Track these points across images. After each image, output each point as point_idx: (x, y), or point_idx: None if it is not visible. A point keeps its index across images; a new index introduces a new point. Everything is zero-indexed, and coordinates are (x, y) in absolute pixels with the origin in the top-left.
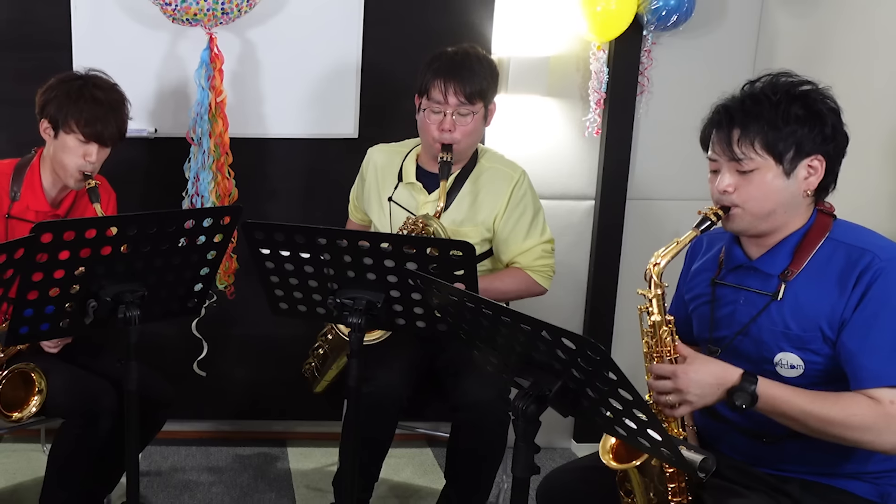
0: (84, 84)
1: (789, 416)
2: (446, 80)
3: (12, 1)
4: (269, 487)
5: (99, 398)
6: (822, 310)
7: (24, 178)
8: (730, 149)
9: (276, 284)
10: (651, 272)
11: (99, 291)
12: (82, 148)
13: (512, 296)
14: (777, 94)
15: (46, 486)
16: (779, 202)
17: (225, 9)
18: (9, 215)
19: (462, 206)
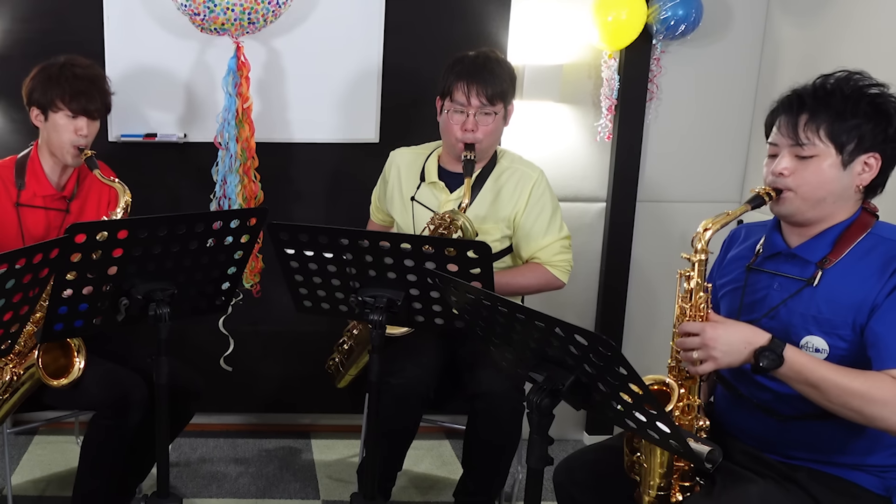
0: (63, 65)
1: (812, 383)
2: (469, 82)
3: (47, 11)
4: (293, 478)
5: (129, 391)
6: (856, 298)
7: (27, 168)
8: (795, 132)
9: (301, 283)
10: (699, 236)
11: (131, 290)
12: (72, 123)
13: (532, 290)
14: (850, 88)
15: (79, 476)
16: (830, 191)
17: (251, 18)
18: (18, 203)
19: (484, 204)
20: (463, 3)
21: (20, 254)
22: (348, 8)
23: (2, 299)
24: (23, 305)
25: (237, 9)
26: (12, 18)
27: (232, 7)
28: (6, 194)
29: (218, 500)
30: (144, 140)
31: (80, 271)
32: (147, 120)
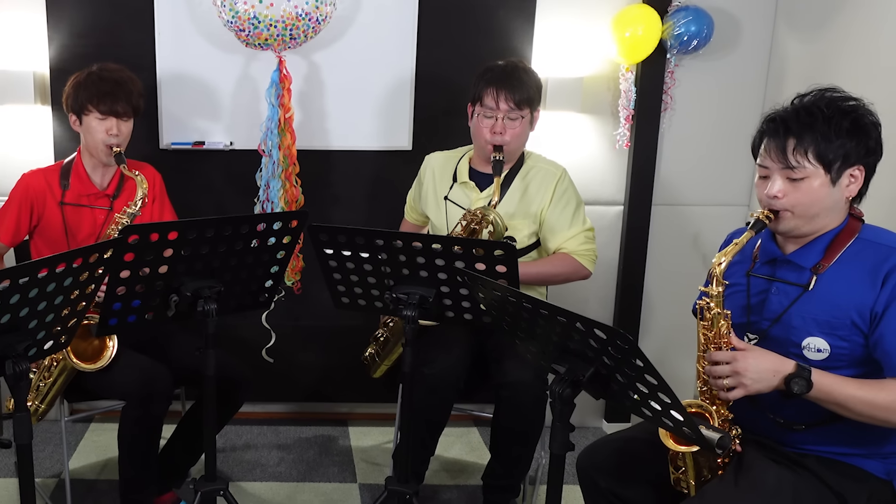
0: (91, 71)
1: (839, 402)
2: (497, 88)
3: (103, 28)
4: (332, 463)
5: (154, 383)
6: (851, 300)
7: (71, 171)
8: (784, 157)
9: (339, 281)
10: (715, 271)
11: (180, 287)
12: (103, 124)
13: (561, 278)
14: (829, 108)
15: (119, 464)
16: (823, 207)
17: (293, 34)
18: (62, 202)
19: (512, 201)
20: (490, 19)
21: (77, 253)
22: (383, 24)
23: (60, 296)
24: (79, 301)
25: (280, 25)
26: (69, 34)
27: (275, 24)
28: (51, 195)
29: (261, 483)
30: (193, 147)
31: (133, 270)
32: (196, 129)
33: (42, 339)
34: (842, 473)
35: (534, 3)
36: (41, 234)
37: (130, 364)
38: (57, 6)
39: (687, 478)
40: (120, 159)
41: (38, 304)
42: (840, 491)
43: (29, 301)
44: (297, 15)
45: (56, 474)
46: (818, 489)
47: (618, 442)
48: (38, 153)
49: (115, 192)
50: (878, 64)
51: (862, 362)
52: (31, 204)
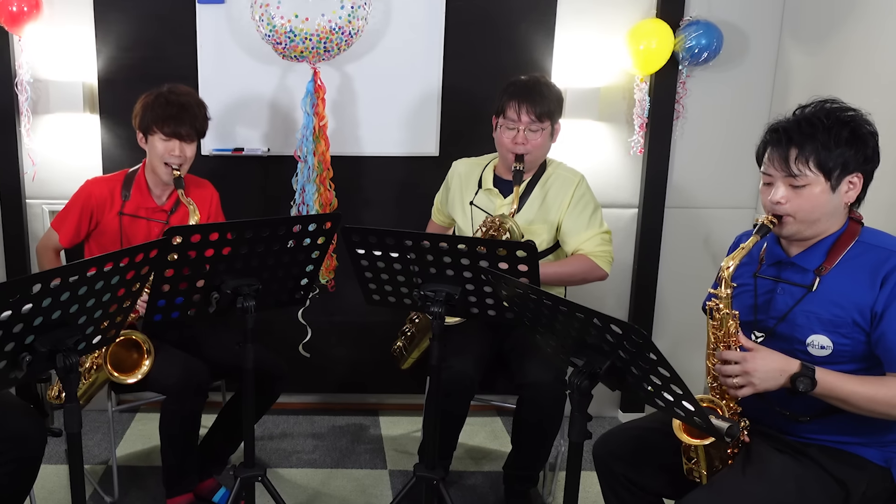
0: (160, 94)
1: (841, 398)
2: (520, 101)
3: (148, 42)
4: (363, 450)
5: (192, 377)
6: (852, 300)
7: (133, 183)
8: (787, 166)
9: (370, 279)
10: (723, 274)
11: (221, 285)
12: (166, 146)
13: (578, 278)
14: (828, 118)
15: (162, 453)
16: (824, 212)
17: (327, 47)
18: (121, 213)
19: (533, 208)
20: (513, 32)
21: (124, 253)
22: (412, 38)
23: (108, 293)
24: (126, 299)
25: (314, 39)
26: (116, 47)
27: (310, 37)
28: (111, 204)
29: (297, 470)
30: (233, 154)
31: (176, 269)
32: (235, 136)
33: (90, 333)
34: (843, 461)
35: (554, 18)
36: (96, 239)
37: (170, 361)
38: (105, 20)
39: (699, 468)
40: (179, 183)
41: (87, 301)
42: (841, 478)
43: (78, 298)
44: (331, 29)
45: (104, 461)
46: (821, 477)
47: (632, 430)
48: (86, 159)
49: (172, 209)
50: (877, 74)
51: (863, 358)
52: (91, 210)
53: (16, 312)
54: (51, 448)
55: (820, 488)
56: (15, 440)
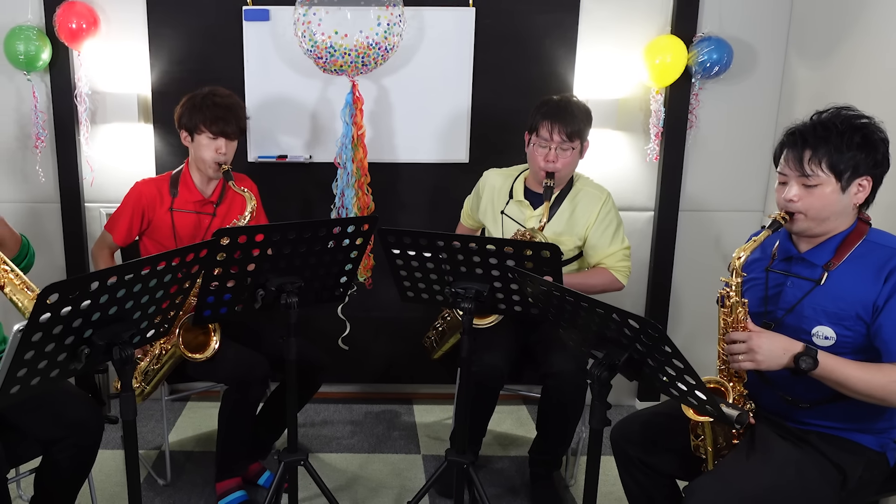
0: (206, 95)
1: (840, 380)
2: (552, 122)
3: (198, 56)
4: (398, 436)
5: (252, 370)
6: (857, 295)
7: (180, 180)
8: (801, 166)
9: (405, 277)
10: (734, 264)
11: (265, 282)
12: (213, 143)
13: (598, 290)
14: (843, 124)
15: (218, 438)
16: (833, 211)
17: (364, 61)
18: (171, 208)
19: (561, 220)
20: (537, 49)
21: (176, 253)
22: (443, 53)
23: (161, 290)
24: (178, 295)
25: (353, 53)
26: (169, 61)
27: (349, 52)
28: (161, 201)
29: (336, 454)
30: (277, 161)
31: (224, 268)
32: (279, 144)
33: (145, 328)
34: (840, 447)
35: (575, 34)
36: (150, 236)
37: (231, 353)
38: (158, 36)
39: (705, 444)
40: (228, 176)
41: (142, 298)
42: (839, 463)
43: (133, 295)
44: (368, 44)
45: (157, 447)
46: (820, 462)
47: (645, 416)
48: (141, 165)
49: (219, 200)
50: (879, 87)
51: (864, 349)
52: (142, 210)
53: (75, 308)
54: (108, 434)
55: (819, 473)
56: (75, 427)
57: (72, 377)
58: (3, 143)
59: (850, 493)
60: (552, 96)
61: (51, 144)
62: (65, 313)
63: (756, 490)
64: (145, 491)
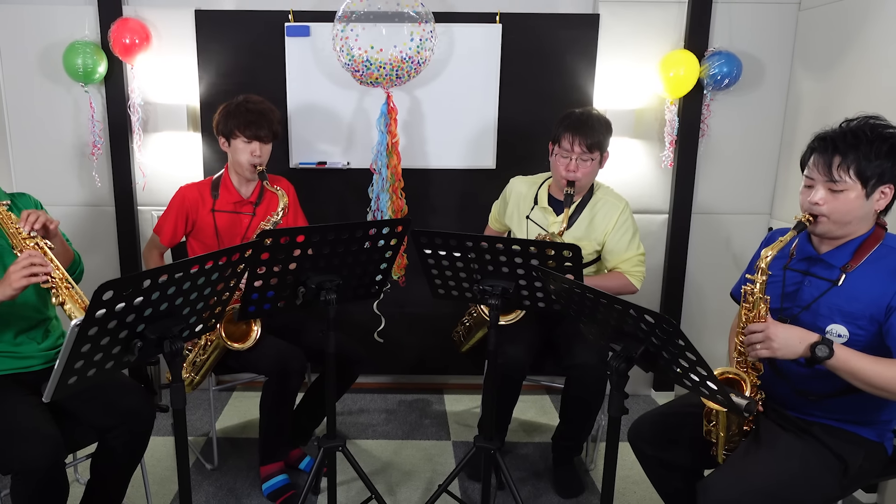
0: (239, 102)
1: (853, 371)
2: (573, 134)
3: (243, 69)
4: (430, 424)
5: (290, 362)
6: (872, 297)
7: (220, 183)
8: (829, 171)
9: (436, 275)
10: (761, 264)
11: (306, 280)
12: (248, 147)
13: (613, 292)
14: (872, 132)
15: (260, 426)
16: (856, 216)
17: (398, 74)
18: (213, 210)
19: (581, 227)
20: (559, 63)
21: (222, 253)
22: (472, 67)
23: (208, 288)
24: (224, 292)
25: (388, 67)
26: (216, 73)
27: (384, 66)
28: (203, 203)
29: (372, 441)
30: (317, 167)
31: (268, 266)
32: (319, 151)
33: (193, 322)
34: (841, 438)
35: (595, 49)
36: (196, 236)
37: (271, 347)
38: (206, 51)
39: (717, 430)
40: (262, 176)
41: (191, 295)
42: (840, 452)
43: (183, 292)
44: (402, 59)
45: (205, 433)
46: (822, 452)
47: (657, 416)
48: (190, 170)
49: (257, 200)
50: (877, 98)
51: (874, 348)
52: (186, 212)
53: (129, 304)
54: (159, 422)
55: (822, 462)
56: (128, 415)
57: (125, 369)
58: (63, 151)
59: (851, 480)
60: (575, 110)
61: (106, 152)
62: (119, 309)
63: (764, 482)
64: (194, 475)
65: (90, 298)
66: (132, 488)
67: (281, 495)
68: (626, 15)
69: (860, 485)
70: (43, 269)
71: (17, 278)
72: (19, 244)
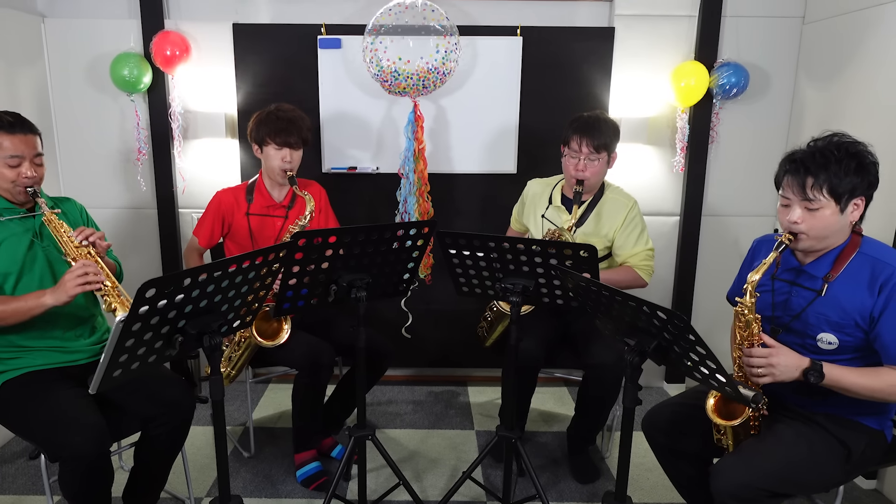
0: (271, 111)
1: (844, 388)
2: (581, 135)
3: (278, 79)
4: (454, 414)
5: (320, 356)
6: (854, 305)
7: (255, 188)
8: (803, 192)
9: (460, 274)
10: (749, 286)
11: (338, 279)
12: (279, 153)
13: (623, 286)
14: (839, 151)
15: (293, 417)
16: (833, 230)
17: (425, 84)
18: (248, 213)
19: (591, 224)
20: (577, 73)
21: (258, 253)
22: (494, 77)
23: (245, 286)
24: (260, 290)
25: (415, 77)
26: (253, 84)
27: (411, 76)
28: (238, 207)
29: (400, 430)
30: (348, 171)
31: (302, 266)
32: (349, 157)
33: (231, 318)
34: (844, 426)
35: (610, 60)
36: (231, 238)
37: (302, 342)
38: (243, 62)
39: (726, 439)
40: (292, 181)
41: (229, 292)
42: (843, 439)
43: (221, 290)
44: (428, 69)
45: (242, 423)
46: (827, 439)
47: (669, 407)
48: (228, 175)
49: (290, 204)
50: (876, 106)
51: (863, 350)
52: (222, 216)
53: (170, 301)
54: (199, 413)
55: (826, 448)
56: (170, 406)
57: (167, 362)
58: (110, 157)
59: (853, 465)
60: (583, 113)
61: (149, 157)
62: (161, 306)
63: (773, 466)
64: (232, 462)
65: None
66: (173, 475)
67: (314, 481)
68: (640, 28)
69: (862, 470)
70: (96, 277)
71: (72, 286)
72: (72, 252)
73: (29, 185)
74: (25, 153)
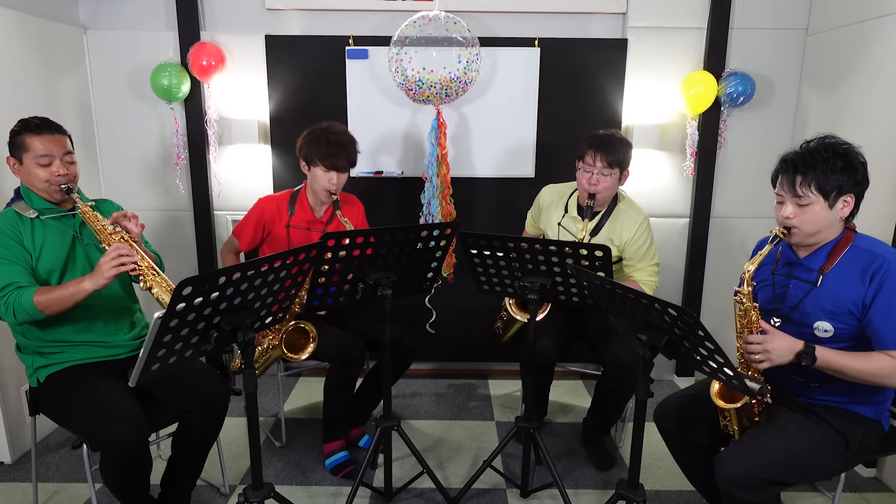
0: (322, 131)
1: (836, 370)
2: (595, 151)
3: (309, 88)
4: (475, 406)
5: (351, 350)
6: (848, 294)
7: (297, 201)
8: (793, 189)
9: (481, 273)
10: (745, 275)
11: (365, 277)
12: (326, 175)
13: None
14: (826, 151)
15: (324, 408)
16: (823, 225)
17: (447, 93)
18: (288, 225)
19: (603, 234)
20: (591, 82)
21: (290, 253)
22: (513, 86)
23: (277, 284)
24: (292, 288)
25: (438, 86)
26: (284, 92)
27: (434, 85)
28: (280, 218)
29: (424, 421)
30: (375, 175)
31: (330, 265)
32: (376, 162)
33: (263, 315)
34: (843, 417)
35: (624, 70)
36: (269, 245)
37: (334, 337)
38: (275, 72)
39: (732, 424)
40: (337, 206)
41: (261, 290)
42: (842, 430)
43: (254, 288)
44: (451, 79)
45: (274, 414)
46: (826, 430)
47: (680, 399)
48: (260, 180)
49: (328, 220)
50: (875, 112)
51: (858, 337)
52: (264, 224)
53: (206, 299)
54: (233, 405)
55: (826, 438)
56: (205, 398)
57: (202, 356)
58: (150, 162)
59: (852, 455)
60: (599, 130)
61: (187, 162)
62: (197, 303)
63: (775, 456)
64: (264, 452)
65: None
66: (209, 463)
67: (342, 470)
68: (652, 40)
69: (861, 459)
70: (130, 258)
71: (108, 268)
72: (106, 238)
73: (63, 182)
74: (55, 152)
